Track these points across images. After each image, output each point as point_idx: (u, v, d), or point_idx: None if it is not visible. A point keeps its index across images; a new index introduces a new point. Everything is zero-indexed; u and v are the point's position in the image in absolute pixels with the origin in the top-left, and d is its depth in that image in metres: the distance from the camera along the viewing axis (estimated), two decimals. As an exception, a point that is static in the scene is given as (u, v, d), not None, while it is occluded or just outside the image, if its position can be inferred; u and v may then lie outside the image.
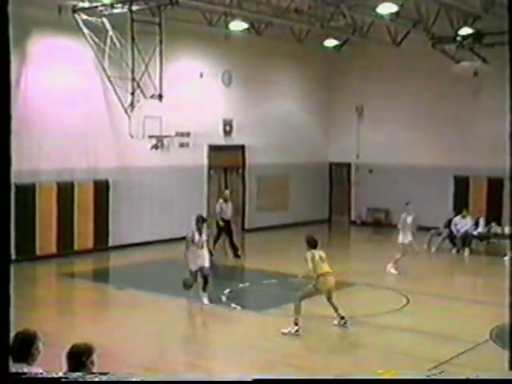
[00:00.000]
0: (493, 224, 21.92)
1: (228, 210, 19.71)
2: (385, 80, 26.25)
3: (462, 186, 25.07)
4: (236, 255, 19.58)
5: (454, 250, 21.37)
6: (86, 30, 18.61)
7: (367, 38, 23.79)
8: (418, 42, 23.24)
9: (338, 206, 28.43)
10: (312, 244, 12.19)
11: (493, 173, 24.14)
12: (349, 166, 27.87)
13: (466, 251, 21.07)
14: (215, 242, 18.81)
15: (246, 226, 24.44)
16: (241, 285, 16.68)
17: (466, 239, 21.40)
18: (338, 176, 28.29)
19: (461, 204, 23.89)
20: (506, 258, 19.73)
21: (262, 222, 24.12)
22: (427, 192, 25.38)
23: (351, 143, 27.39)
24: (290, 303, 13.57)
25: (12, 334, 4.39)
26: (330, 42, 24.35)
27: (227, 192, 20.71)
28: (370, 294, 15.42)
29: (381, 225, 26.25)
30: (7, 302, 3.98)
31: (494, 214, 23.31)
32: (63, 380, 4.36)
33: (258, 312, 13.70)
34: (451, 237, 21.65)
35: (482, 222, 21.87)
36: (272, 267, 17.83)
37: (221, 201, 19.93)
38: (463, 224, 21.61)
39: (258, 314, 13.55)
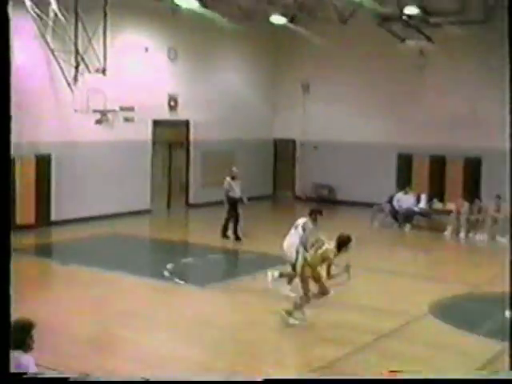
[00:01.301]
0: (434, 200, 22.36)
1: (237, 188, 18.82)
2: (331, 57, 26.35)
3: (405, 163, 25.42)
4: (237, 238, 18.57)
5: (396, 226, 21.75)
6: (28, 3, 18.25)
7: (314, 15, 23.81)
8: (364, 20, 23.38)
9: (282, 181, 28.60)
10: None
11: (436, 151, 24.58)
12: (294, 142, 28.01)
13: (408, 227, 21.46)
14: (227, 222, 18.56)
15: (191, 201, 24.45)
16: (184, 260, 16.50)
17: (408, 215, 21.79)
18: (283, 152, 28.41)
19: (404, 181, 24.28)
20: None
21: (207, 198, 24.10)
22: (371, 169, 25.73)
23: (297, 120, 27.51)
24: (234, 277, 13.73)
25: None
26: (277, 19, 24.30)
27: (235, 169, 19.46)
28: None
29: (325, 201, 26.51)
30: (7, 302, 4.20)
31: (436, 190, 23.78)
32: (63, 380, 4.42)
33: (202, 287, 13.73)
34: (393, 213, 22.00)
35: (423, 198, 22.26)
36: (216, 242, 17.90)
37: (228, 179, 18.98)
38: (405, 200, 21.99)
39: (201, 289, 13.59)
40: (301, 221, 13.06)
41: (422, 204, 22.09)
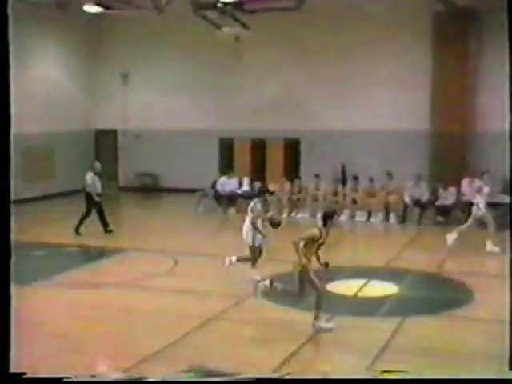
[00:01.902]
0: (256, 183, 22.94)
1: (98, 184, 17.88)
2: (150, 46, 26.33)
3: (227, 147, 25.93)
4: (107, 230, 17.99)
5: (220, 210, 22.15)
6: None
7: (131, 4, 23.60)
8: (181, 8, 23.48)
9: (105, 172, 28.23)
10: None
11: (256, 134, 25.23)
12: (115, 132, 27.77)
13: (232, 210, 21.94)
14: (84, 218, 17.73)
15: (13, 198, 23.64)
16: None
17: (232, 199, 22.27)
18: (105, 142, 28.08)
19: (226, 165, 24.79)
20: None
21: (29, 193, 23.42)
22: (194, 155, 26.04)
23: (117, 109, 27.29)
24: (61, 273, 13.49)
25: None
26: (90, 8, 23.81)
27: (98, 164, 18.50)
28: (141, 259, 15.57)
29: (149, 189, 26.57)
30: (7, 302, 4.22)
31: (258, 172, 24.44)
32: (64, 380, 4.33)
33: (29, 285, 13.35)
34: (217, 197, 22.41)
35: (246, 181, 22.80)
36: (40, 238, 17.48)
37: (91, 173, 17.93)
38: (229, 184, 22.46)
39: (26, 287, 13.23)
40: (252, 203, 13.07)
41: (245, 187, 22.64)
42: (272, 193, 22.07)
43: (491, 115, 22.48)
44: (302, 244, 9.82)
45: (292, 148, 25.15)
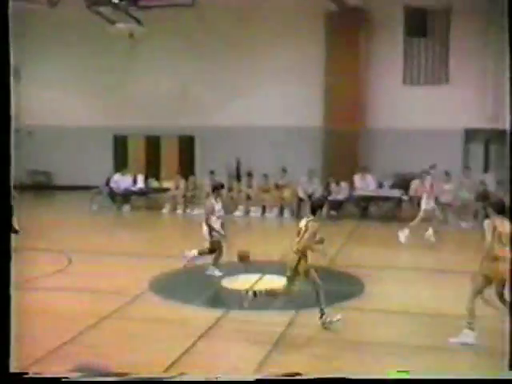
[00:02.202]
0: (151, 180, 22.89)
1: None
2: (44, 41, 25.80)
3: (121, 144, 25.70)
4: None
5: (114, 208, 21.94)
6: None
7: (19, -1, 23.04)
8: (74, 3, 23.06)
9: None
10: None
11: (151, 131, 25.10)
12: (6, 128, 27.03)
13: (126, 207, 21.77)
14: None
15: None
16: None
17: (126, 196, 22.09)
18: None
19: (120, 162, 24.56)
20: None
21: None
22: (89, 152, 25.68)
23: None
24: None
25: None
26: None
27: None
28: (34, 259, 15.20)
29: (42, 187, 26.04)
30: (7, 302, 4.19)
31: (152, 169, 24.35)
32: (64, 380, 4.23)
33: None
34: (112, 194, 22.18)
35: (140, 178, 22.67)
36: None
37: None
38: (123, 181, 22.26)
39: None
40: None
41: (140, 184, 22.50)
42: (167, 190, 22.10)
43: (382, 112, 23.16)
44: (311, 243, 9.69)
45: (187, 145, 25.16)
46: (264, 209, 21.12)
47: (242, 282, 12.53)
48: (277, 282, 12.70)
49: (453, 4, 22.69)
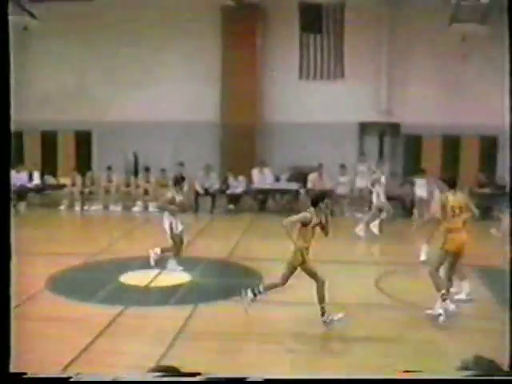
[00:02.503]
0: (47, 176, 22.49)
1: None
2: None
3: (16, 140, 25.01)
4: None
5: (12, 205, 21.42)
6: None
7: None
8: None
9: None
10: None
11: (46, 127, 24.61)
12: None
13: (22, 205, 21.28)
14: None
15: None
16: None
17: (21, 193, 21.59)
18: None
19: (15, 158, 23.95)
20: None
21: None
22: None
23: None
24: None
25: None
26: None
27: None
28: None
29: None
30: (7, 302, 4.19)
31: (49, 165, 23.91)
32: (64, 380, 4.01)
33: None
34: (7, 192, 21.65)
35: (36, 174, 22.23)
36: None
37: None
38: (18, 178, 21.71)
39: None
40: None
41: (36, 180, 22.06)
42: (64, 186, 21.75)
43: (279, 107, 23.47)
44: (292, 226, 9.79)
45: (84, 140, 24.82)
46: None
47: (141, 277, 12.51)
48: (174, 276, 12.77)
49: (346, 0, 23.16)
